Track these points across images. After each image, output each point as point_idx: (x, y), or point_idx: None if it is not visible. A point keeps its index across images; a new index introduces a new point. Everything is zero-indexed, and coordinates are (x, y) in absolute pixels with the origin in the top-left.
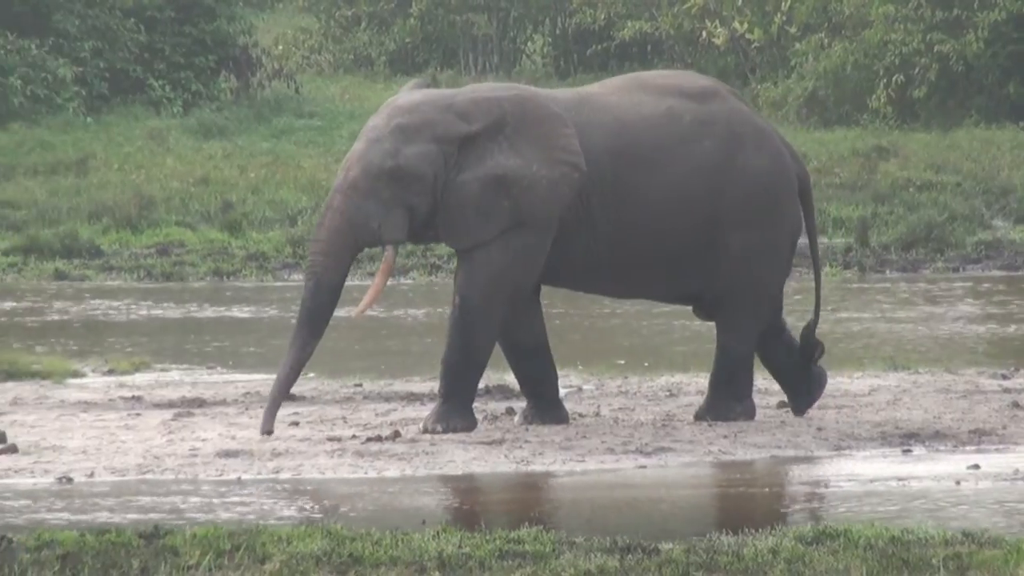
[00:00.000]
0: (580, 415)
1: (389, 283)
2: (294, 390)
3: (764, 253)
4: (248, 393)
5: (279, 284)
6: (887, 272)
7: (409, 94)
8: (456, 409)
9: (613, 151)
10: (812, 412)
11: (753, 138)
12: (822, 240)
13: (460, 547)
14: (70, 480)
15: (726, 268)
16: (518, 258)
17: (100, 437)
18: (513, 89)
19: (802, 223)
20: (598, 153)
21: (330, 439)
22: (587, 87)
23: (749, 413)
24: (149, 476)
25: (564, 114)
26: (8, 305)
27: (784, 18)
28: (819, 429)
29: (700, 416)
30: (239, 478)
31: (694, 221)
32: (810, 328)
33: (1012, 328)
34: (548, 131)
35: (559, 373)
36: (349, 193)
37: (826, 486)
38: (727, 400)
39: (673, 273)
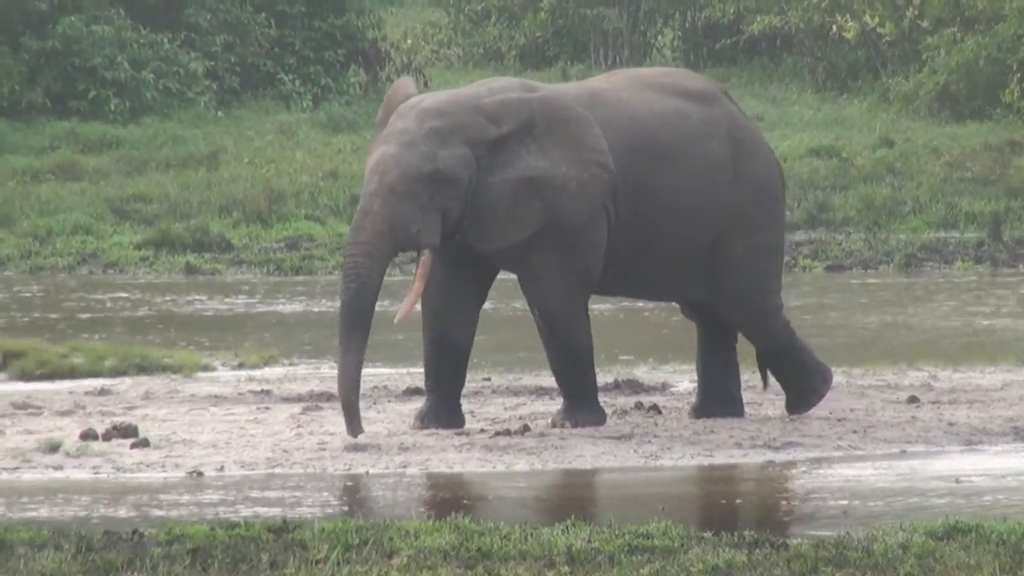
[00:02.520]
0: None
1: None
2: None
3: (767, 254)
4: (375, 387)
5: (407, 279)
6: (1020, 267)
7: (433, 96)
8: (583, 405)
9: (632, 148)
10: (944, 407)
11: (750, 144)
12: (954, 234)
13: (589, 541)
14: (200, 474)
15: (731, 272)
16: (574, 251)
17: (230, 431)
18: (529, 87)
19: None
20: (617, 150)
21: (458, 433)
22: (592, 82)
23: (827, 378)
24: (278, 470)
25: (588, 113)
26: (140, 299)
27: (916, 12)
28: (950, 424)
29: (792, 410)
30: (367, 472)
31: (702, 222)
32: None
33: None
34: (576, 132)
35: (689, 368)
36: (389, 198)
37: (957, 481)
38: (803, 383)
39: (681, 274)
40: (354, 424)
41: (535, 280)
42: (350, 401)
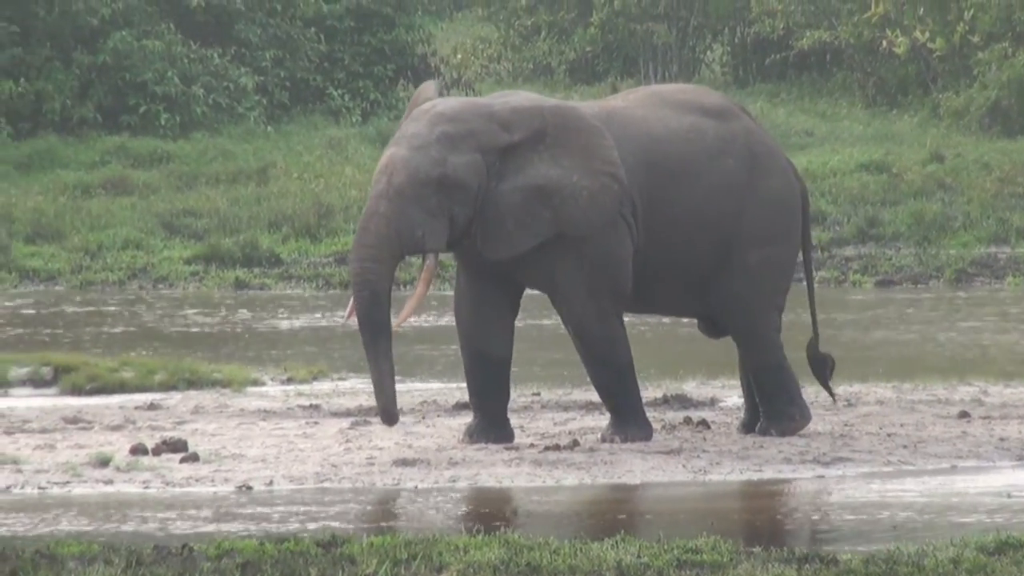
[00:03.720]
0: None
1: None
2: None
3: (776, 268)
4: (425, 402)
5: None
6: None
7: (446, 101)
8: (631, 419)
9: (647, 164)
10: (995, 422)
11: (766, 158)
12: (1005, 249)
13: (639, 556)
14: (250, 488)
15: (740, 285)
16: (599, 266)
17: (279, 445)
18: (544, 99)
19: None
20: (632, 166)
21: (507, 448)
22: (608, 100)
23: (806, 415)
24: (327, 484)
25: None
26: (190, 313)
27: (967, 27)
28: (1001, 439)
29: (764, 431)
30: (416, 487)
31: (715, 237)
32: (813, 345)
33: None
34: (588, 142)
35: (738, 383)
36: (395, 199)
37: (1008, 496)
38: (783, 407)
39: (692, 289)
40: (390, 413)
41: (564, 300)
42: (389, 412)
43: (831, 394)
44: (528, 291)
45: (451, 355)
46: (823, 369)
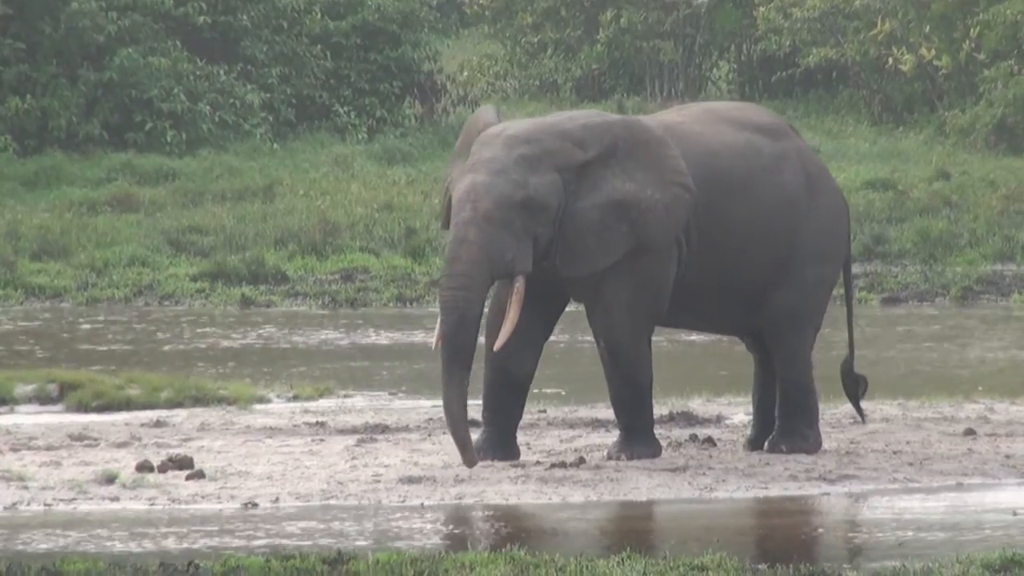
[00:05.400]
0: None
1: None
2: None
3: (825, 286)
4: (431, 419)
5: None
6: None
7: (516, 124)
8: (639, 437)
9: (706, 179)
10: (1001, 439)
11: (819, 178)
12: (1011, 266)
13: (644, 574)
14: (255, 505)
15: (796, 301)
16: (645, 285)
17: (285, 463)
18: (607, 114)
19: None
20: (693, 180)
21: (513, 465)
22: (665, 115)
23: (818, 442)
24: (333, 502)
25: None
26: (195, 331)
27: (972, 45)
28: (1007, 457)
29: (774, 445)
30: (422, 504)
31: (771, 252)
32: (848, 363)
33: None
34: (657, 153)
35: (743, 400)
36: (483, 226)
37: (1014, 514)
38: (801, 428)
39: (745, 303)
40: (468, 454)
41: (604, 312)
42: (459, 435)
43: (860, 414)
44: None
45: None
46: (855, 388)
